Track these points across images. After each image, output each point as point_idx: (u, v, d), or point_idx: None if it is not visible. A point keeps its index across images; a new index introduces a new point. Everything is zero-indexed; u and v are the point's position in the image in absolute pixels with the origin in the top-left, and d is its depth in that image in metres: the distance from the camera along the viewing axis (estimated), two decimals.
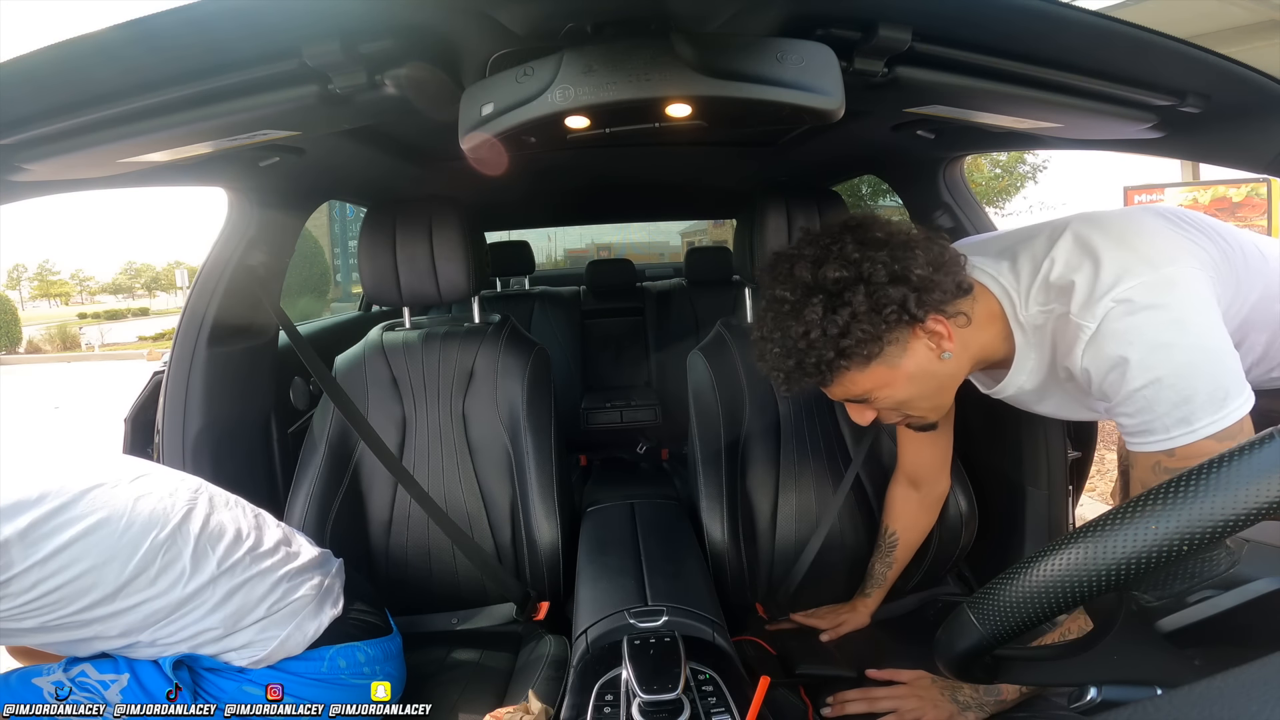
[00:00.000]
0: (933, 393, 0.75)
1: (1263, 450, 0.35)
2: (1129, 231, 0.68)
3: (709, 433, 1.15)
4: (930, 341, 0.70)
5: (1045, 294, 0.70)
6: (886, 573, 1.07)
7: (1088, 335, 0.66)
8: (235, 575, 0.79)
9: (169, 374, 1.14)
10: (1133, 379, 0.63)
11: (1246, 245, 0.74)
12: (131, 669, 0.77)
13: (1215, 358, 0.62)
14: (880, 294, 0.66)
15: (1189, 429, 0.62)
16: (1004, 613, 0.45)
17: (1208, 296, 0.64)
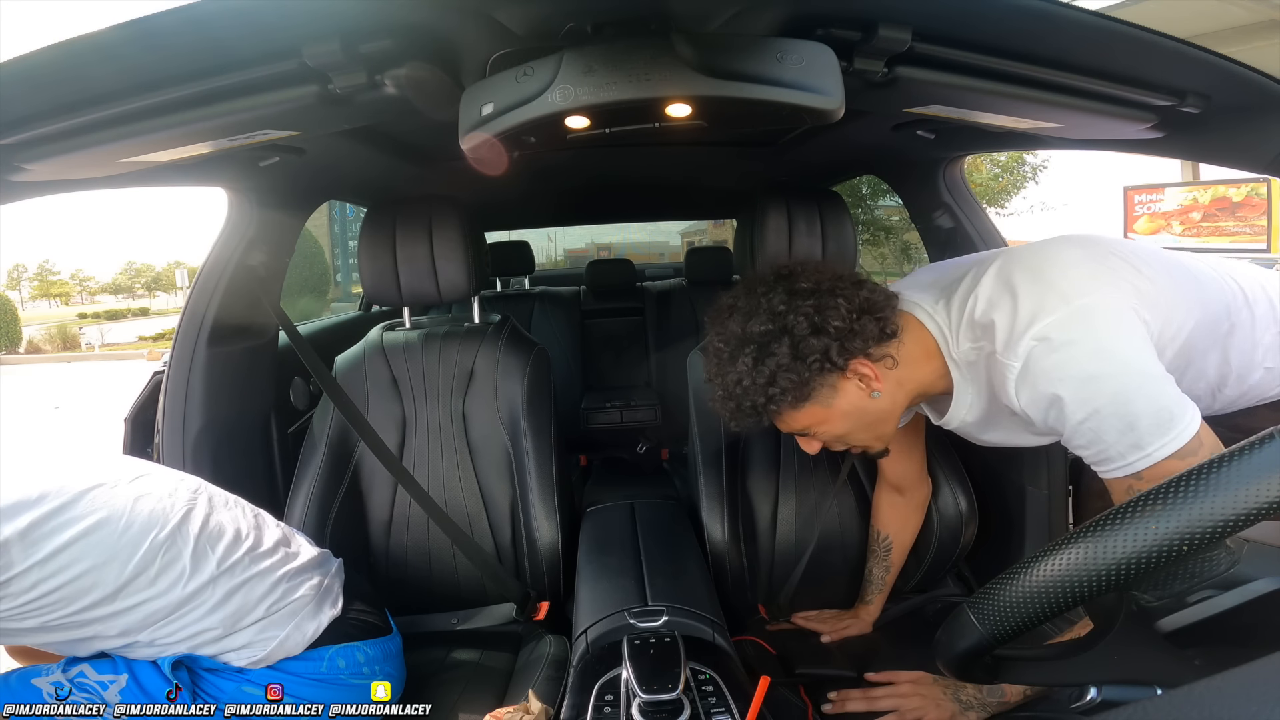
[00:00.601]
0: (869, 426, 0.78)
1: (1263, 450, 0.35)
2: (1045, 266, 0.69)
3: (709, 433, 1.15)
4: (860, 382, 0.74)
5: (973, 332, 0.72)
6: (885, 577, 1.08)
7: (1014, 374, 0.68)
8: (235, 575, 0.79)
9: (169, 374, 1.14)
10: (1072, 414, 0.65)
11: (1176, 270, 0.74)
12: (130, 669, 0.77)
13: (1147, 380, 0.63)
14: (803, 345, 0.71)
15: (1143, 453, 0.62)
16: (1004, 613, 0.45)
17: (1130, 323, 0.65)
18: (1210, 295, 0.74)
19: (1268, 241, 6.07)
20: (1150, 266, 0.71)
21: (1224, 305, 0.75)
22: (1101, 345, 0.64)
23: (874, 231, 10.12)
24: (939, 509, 1.10)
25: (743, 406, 0.75)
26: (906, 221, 1.50)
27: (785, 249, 1.18)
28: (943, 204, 1.38)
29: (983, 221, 1.38)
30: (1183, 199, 6.63)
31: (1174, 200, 6.71)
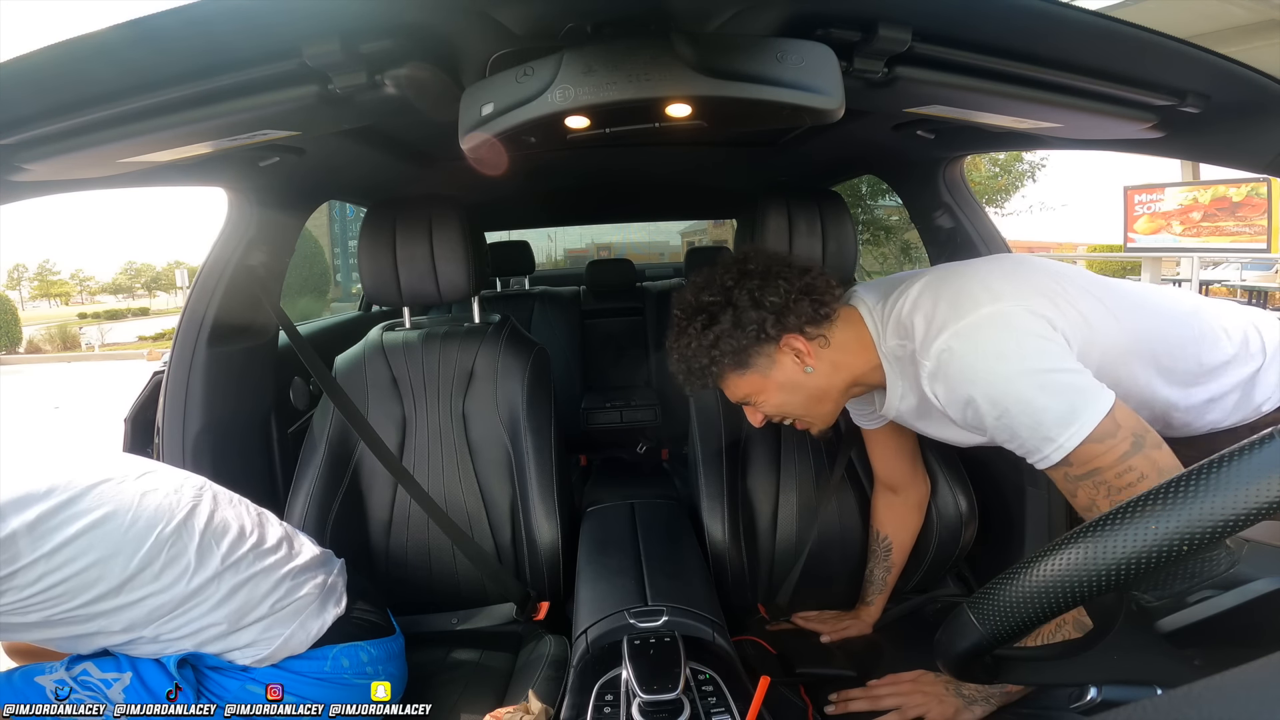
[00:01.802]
0: (804, 401, 0.84)
1: (1263, 450, 0.35)
2: (964, 277, 0.76)
3: (709, 433, 1.15)
4: (795, 357, 0.81)
5: (899, 330, 0.79)
6: (886, 577, 1.08)
7: (927, 374, 0.74)
8: (239, 571, 0.79)
9: (169, 374, 1.14)
10: (986, 413, 0.70)
11: (1106, 295, 0.77)
12: (134, 667, 0.76)
13: (1048, 377, 0.67)
14: (743, 315, 0.80)
15: (1055, 445, 0.66)
16: (1004, 613, 0.45)
17: (1033, 327, 0.70)
18: (1144, 323, 0.77)
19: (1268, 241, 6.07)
20: (1072, 286, 0.75)
21: (1159, 333, 0.77)
22: (1003, 349, 0.69)
23: (874, 231, 10.12)
24: (939, 509, 1.10)
25: (692, 369, 0.84)
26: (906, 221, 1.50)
27: (785, 249, 1.18)
28: (943, 204, 1.38)
29: (983, 221, 1.38)
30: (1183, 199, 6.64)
31: (1174, 200, 6.72)
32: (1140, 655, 0.45)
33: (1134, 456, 0.65)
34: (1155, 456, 0.65)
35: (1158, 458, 0.65)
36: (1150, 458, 0.65)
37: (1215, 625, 0.40)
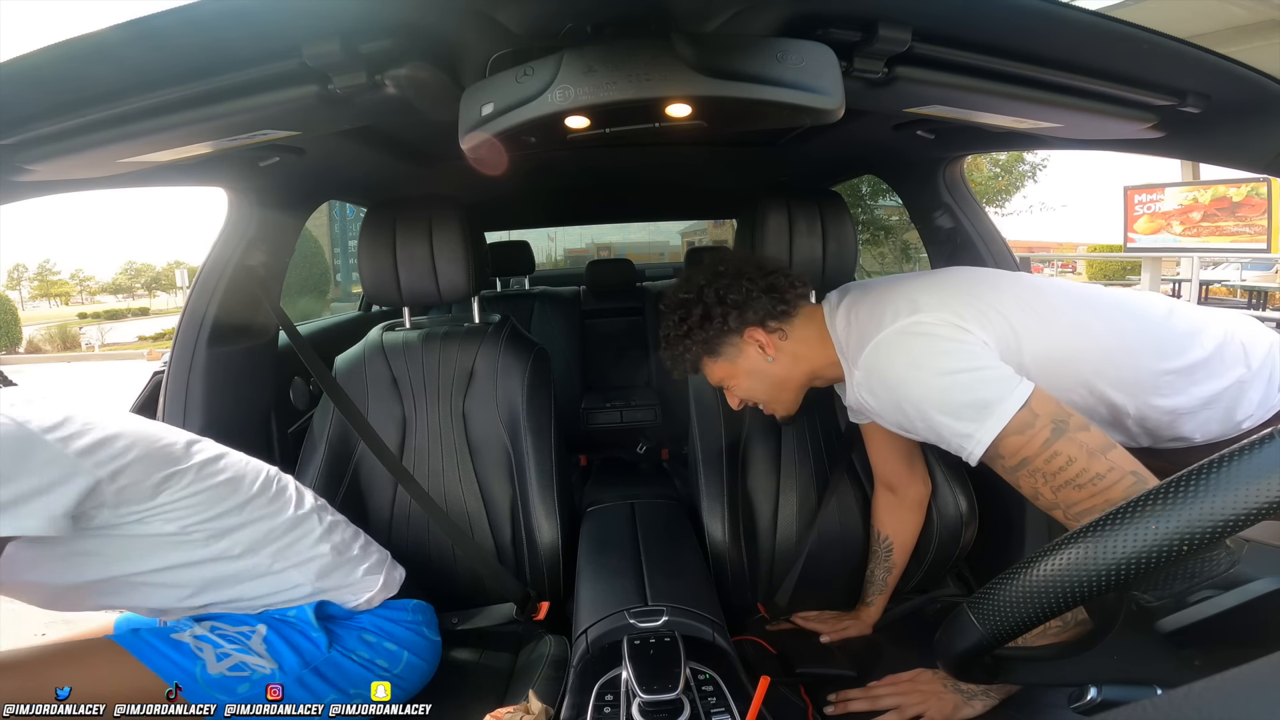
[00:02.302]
0: (768, 388, 0.94)
1: (1263, 450, 0.35)
2: (891, 292, 0.83)
3: (709, 433, 1.15)
4: (757, 348, 0.91)
5: (847, 332, 0.87)
6: (886, 578, 1.08)
7: (857, 383, 0.82)
8: (328, 512, 0.93)
9: (169, 374, 1.14)
10: (912, 417, 0.76)
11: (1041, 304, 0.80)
12: (266, 620, 0.83)
13: (959, 378, 0.72)
14: (711, 310, 0.91)
15: (974, 440, 0.71)
16: (1004, 613, 0.45)
17: (944, 333, 0.75)
18: (1086, 332, 0.79)
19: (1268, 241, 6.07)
20: (1004, 297, 0.80)
21: (1103, 342, 0.79)
22: (916, 357, 0.75)
23: (874, 231, 10.12)
24: (939, 509, 1.10)
25: (675, 354, 0.96)
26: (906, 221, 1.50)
27: (786, 249, 1.18)
28: (943, 204, 1.38)
29: (983, 221, 1.38)
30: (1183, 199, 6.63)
31: (1174, 200, 6.71)
32: (1140, 655, 0.45)
33: (1057, 442, 0.67)
34: (1081, 439, 0.66)
35: (1084, 439, 0.66)
36: (1076, 440, 0.66)
37: (1215, 625, 0.40)
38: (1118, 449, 0.66)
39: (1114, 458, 0.65)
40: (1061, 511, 0.68)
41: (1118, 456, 0.65)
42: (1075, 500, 0.66)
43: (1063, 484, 0.67)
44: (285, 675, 0.80)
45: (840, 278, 1.20)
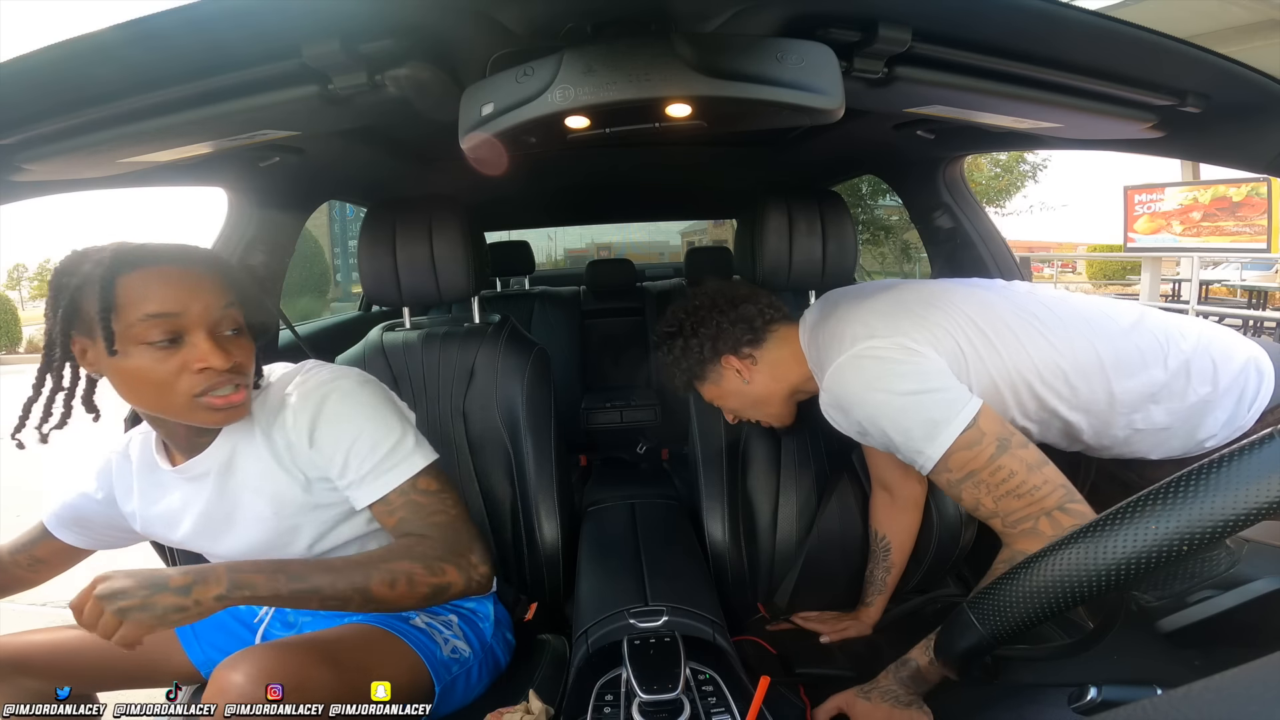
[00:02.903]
0: (751, 405, 1.00)
1: (1263, 450, 0.35)
2: (847, 319, 0.86)
3: (710, 433, 1.15)
4: (734, 372, 0.97)
5: (814, 353, 0.92)
6: (885, 578, 1.07)
7: (823, 404, 0.86)
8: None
9: None
10: (872, 434, 0.80)
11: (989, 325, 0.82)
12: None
13: (910, 399, 0.76)
14: (688, 342, 0.98)
15: (925, 456, 0.75)
16: (1004, 612, 0.45)
17: (896, 356, 0.79)
18: (1033, 354, 0.81)
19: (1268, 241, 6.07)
20: (954, 318, 0.83)
21: (1053, 363, 0.81)
22: (869, 379, 0.79)
23: (874, 231, 10.12)
24: (939, 509, 1.10)
25: (670, 377, 1.04)
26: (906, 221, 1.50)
27: (785, 249, 1.18)
28: (942, 204, 1.39)
29: (982, 221, 1.39)
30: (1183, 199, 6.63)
31: (1174, 200, 6.72)
32: (1140, 655, 0.45)
33: (1001, 457, 0.73)
34: (1022, 455, 0.73)
35: (1024, 455, 0.73)
36: (1017, 456, 0.73)
37: (1215, 625, 0.40)
38: (1050, 464, 0.74)
39: (1047, 472, 0.73)
40: (1000, 520, 0.74)
41: (1050, 471, 0.73)
42: (1014, 509, 0.73)
43: (1004, 494, 0.73)
44: (473, 659, 0.87)
45: (840, 278, 1.20)
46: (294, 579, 0.65)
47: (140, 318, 0.66)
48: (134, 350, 0.67)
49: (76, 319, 0.68)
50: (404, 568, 0.70)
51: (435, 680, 0.80)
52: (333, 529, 0.82)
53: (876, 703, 0.79)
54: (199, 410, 0.71)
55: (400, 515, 0.77)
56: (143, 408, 0.73)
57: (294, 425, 0.77)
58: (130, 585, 0.60)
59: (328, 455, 0.77)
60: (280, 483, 0.77)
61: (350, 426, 0.77)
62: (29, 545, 0.86)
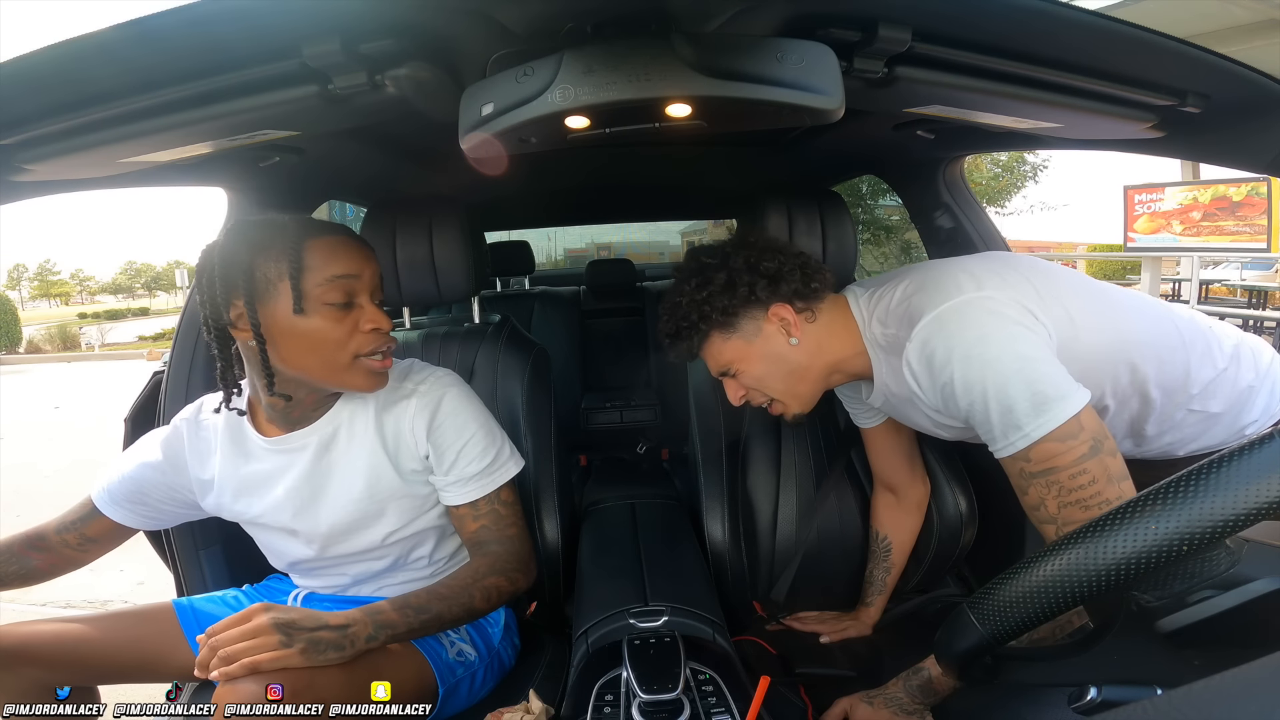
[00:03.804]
0: (785, 376, 0.85)
1: (1263, 450, 0.35)
2: (949, 268, 0.78)
3: (710, 433, 1.15)
4: (780, 327, 0.83)
5: (884, 317, 0.81)
6: (885, 578, 1.08)
7: (910, 357, 0.75)
8: None
9: (169, 374, 1.14)
10: (960, 397, 0.71)
11: (1084, 295, 0.78)
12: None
13: (1025, 365, 0.68)
14: (737, 276, 0.82)
15: (1020, 434, 0.67)
16: (1004, 613, 0.45)
17: (1014, 316, 0.71)
18: (1132, 326, 0.78)
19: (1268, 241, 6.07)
20: (1058, 284, 0.77)
21: (1147, 337, 0.78)
22: (984, 334, 0.70)
23: (874, 231, 10.12)
24: (939, 509, 1.10)
25: (680, 327, 0.85)
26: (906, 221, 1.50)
27: None
28: (942, 204, 1.38)
29: (982, 221, 1.38)
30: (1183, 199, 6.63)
31: (1174, 200, 6.71)
32: (1140, 655, 0.45)
33: (1090, 460, 0.66)
34: (1109, 463, 0.66)
35: (1110, 464, 0.66)
36: (1104, 463, 0.66)
37: (1215, 625, 0.40)
38: (1129, 480, 0.67)
39: (1124, 488, 0.66)
40: (1054, 528, 0.68)
41: (1127, 488, 0.66)
42: (1075, 520, 0.66)
43: (1073, 502, 0.66)
44: (478, 663, 0.88)
45: (840, 278, 1.20)
46: (420, 611, 0.72)
47: (328, 278, 0.74)
48: (311, 309, 0.73)
49: (249, 285, 0.72)
50: (494, 582, 0.79)
51: (439, 682, 0.81)
52: (414, 519, 0.87)
53: (879, 709, 0.79)
54: (357, 372, 0.77)
55: (483, 523, 0.85)
56: (303, 369, 0.77)
57: (414, 415, 0.83)
58: (300, 618, 0.65)
59: (440, 450, 0.83)
60: (380, 465, 0.82)
61: (466, 428, 0.85)
62: (78, 524, 0.87)
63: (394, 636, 0.70)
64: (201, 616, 0.87)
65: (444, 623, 0.74)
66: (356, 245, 0.78)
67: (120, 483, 0.87)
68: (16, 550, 0.84)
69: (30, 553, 0.85)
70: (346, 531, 0.85)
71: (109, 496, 0.87)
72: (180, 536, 1.09)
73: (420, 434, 0.83)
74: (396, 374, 0.86)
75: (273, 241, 0.73)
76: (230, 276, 0.73)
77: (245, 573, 1.05)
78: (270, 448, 0.83)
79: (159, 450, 0.87)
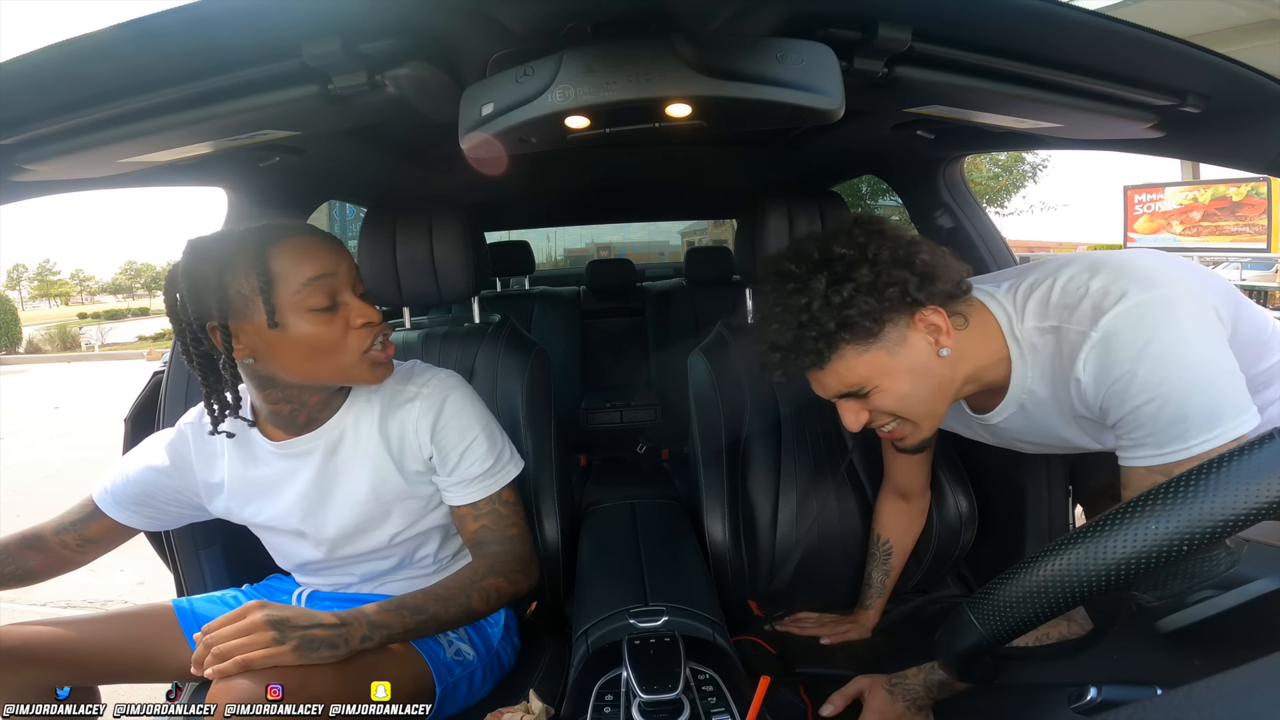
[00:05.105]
0: (928, 394, 0.73)
1: (1263, 450, 0.35)
2: (1132, 260, 0.69)
3: (710, 433, 1.15)
4: (929, 335, 0.70)
5: (1043, 311, 0.71)
6: (884, 581, 1.07)
7: (1090, 344, 0.66)
8: None
9: (169, 374, 1.14)
10: (1136, 394, 0.63)
11: (1253, 310, 0.74)
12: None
13: (1214, 375, 0.62)
14: (884, 273, 0.68)
15: (1182, 446, 0.62)
16: (1004, 613, 0.45)
17: (1210, 318, 0.64)
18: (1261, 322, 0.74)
19: (1268, 241, 6.08)
20: (1221, 285, 0.72)
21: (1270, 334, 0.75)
22: (1183, 332, 0.63)
23: None
24: (939, 510, 1.10)
25: (804, 338, 0.69)
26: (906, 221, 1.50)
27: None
28: (942, 204, 1.38)
29: (982, 221, 1.38)
30: (1183, 198, 6.64)
31: (1174, 200, 6.72)
32: (1140, 655, 0.45)
33: None
34: None
35: None
36: None
37: (1215, 625, 0.40)
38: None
39: None
40: None
41: None
42: None
43: None
44: (477, 663, 0.88)
45: None
46: (416, 612, 0.71)
47: (302, 283, 0.71)
48: (295, 319, 0.71)
49: (223, 305, 0.70)
50: (493, 583, 0.79)
51: (437, 681, 0.81)
52: (418, 519, 0.87)
53: (897, 699, 0.78)
54: (365, 366, 0.77)
55: (483, 523, 0.85)
56: (308, 376, 0.76)
57: (418, 417, 0.83)
58: (294, 616, 0.65)
59: (443, 451, 0.83)
60: (385, 468, 0.82)
61: (470, 430, 0.85)
62: (78, 525, 0.87)
63: (389, 637, 0.70)
64: (201, 617, 0.87)
65: (441, 624, 0.73)
66: (323, 242, 0.75)
67: (125, 484, 0.86)
68: (13, 551, 0.84)
69: (27, 553, 0.84)
70: (354, 533, 0.85)
71: (112, 498, 0.86)
72: (180, 536, 1.09)
73: (424, 436, 0.83)
74: (400, 376, 0.86)
75: (236, 256, 0.70)
76: (201, 299, 0.70)
77: (245, 573, 1.05)
78: (277, 452, 0.83)
79: (164, 454, 0.86)
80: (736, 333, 1.23)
